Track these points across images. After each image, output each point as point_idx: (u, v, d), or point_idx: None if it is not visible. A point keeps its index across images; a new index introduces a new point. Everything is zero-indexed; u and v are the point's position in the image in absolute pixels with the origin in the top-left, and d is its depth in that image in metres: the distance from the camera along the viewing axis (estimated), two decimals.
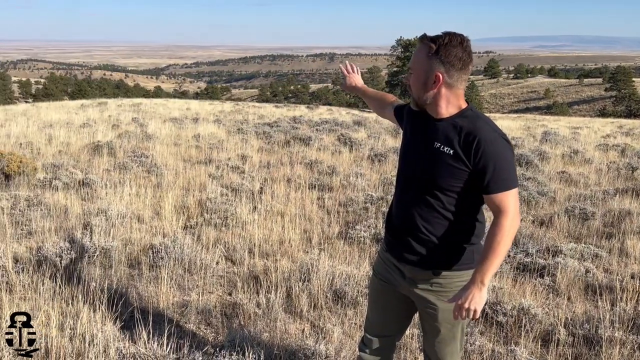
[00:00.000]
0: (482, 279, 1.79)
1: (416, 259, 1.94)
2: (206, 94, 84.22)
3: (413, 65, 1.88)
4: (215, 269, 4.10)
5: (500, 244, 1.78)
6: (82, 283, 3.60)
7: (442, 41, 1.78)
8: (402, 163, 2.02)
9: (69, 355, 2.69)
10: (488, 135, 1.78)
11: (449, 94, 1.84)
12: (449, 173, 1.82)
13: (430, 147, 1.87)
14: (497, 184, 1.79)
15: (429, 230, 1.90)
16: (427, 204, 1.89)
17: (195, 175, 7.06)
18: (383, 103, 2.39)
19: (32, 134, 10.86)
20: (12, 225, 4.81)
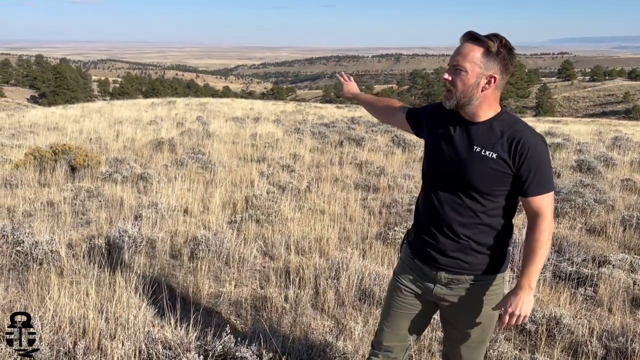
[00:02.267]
0: (529, 283, 1.80)
1: (452, 264, 1.91)
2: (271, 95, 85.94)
3: (464, 62, 1.77)
4: (252, 262, 4.24)
5: (544, 247, 1.81)
6: (126, 270, 3.84)
7: (501, 42, 1.75)
8: (433, 168, 1.95)
9: (103, 336, 2.89)
10: (531, 139, 1.79)
11: (494, 96, 1.83)
12: (491, 177, 1.80)
13: (468, 151, 1.83)
14: (537, 187, 1.80)
15: (467, 235, 1.87)
16: (465, 209, 1.86)
17: (246, 173, 7.27)
18: (390, 108, 2.29)
19: (102, 130, 11.57)
20: (72, 214, 5.19)
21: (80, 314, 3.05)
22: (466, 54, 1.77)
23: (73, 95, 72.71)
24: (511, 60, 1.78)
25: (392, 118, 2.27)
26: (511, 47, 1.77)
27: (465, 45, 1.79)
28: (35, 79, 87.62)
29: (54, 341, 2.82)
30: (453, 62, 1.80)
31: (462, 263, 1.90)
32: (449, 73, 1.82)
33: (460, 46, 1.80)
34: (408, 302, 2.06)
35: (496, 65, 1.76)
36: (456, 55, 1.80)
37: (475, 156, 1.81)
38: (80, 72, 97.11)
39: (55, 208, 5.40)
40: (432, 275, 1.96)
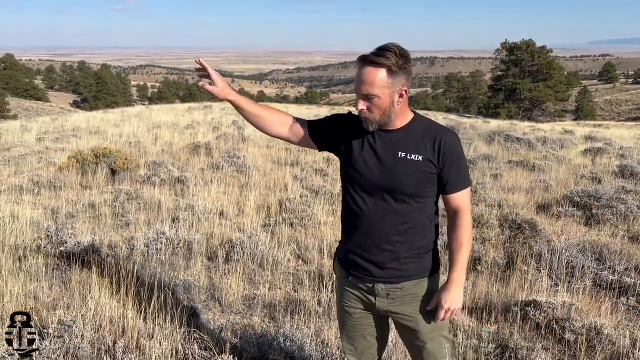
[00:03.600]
0: (460, 277, 1.86)
1: (388, 275, 1.89)
2: (305, 99, 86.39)
3: (373, 90, 1.73)
4: (286, 266, 4.27)
5: (469, 241, 1.87)
6: (164, 272, 3.94)
7: (397, 55, 1.71)
8: (358, 180, 1.88)
9: (141, 336, 2.97)
10: (449, 137, 1.83)
11: (406, 104, 1.84)
12: (420, 179, 1.82)
13: (394, 158, 1.82)
14: (458, 183, 1.85)
15: (399, 241, 1.86)
16: (396, 215, 1.84)
17: (280, 176, 7.34)
18: (282, 119, 2.00)
19: (141, 134, 11.87)
20: (112, 216, 5.35)
21: (120, 313, 3.14)
22: (372, 81, 1.72)
23: (113, 100, 74.84)
24: (411, 68, 1.78)
25: (285, 130, 2.00)
26: (407, 54, 1.74)
27: (367, 71, 1.73)
28: (78, 85, 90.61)
29: (95, 339, 2.92)
30: (362, 91, 1.75)
31: (397, 272, 1.88)
32: (362, 102, 1.78)
33: (362, 74, 1.74)
34: (362, 323, 2.03)
35: (402, 78, 1.76)
36: (362, 85, 1.75)
37: (402, 161, 1.82)
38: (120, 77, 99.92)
39: (97, 210, 5.57)
40: (370, 289, 1.93)
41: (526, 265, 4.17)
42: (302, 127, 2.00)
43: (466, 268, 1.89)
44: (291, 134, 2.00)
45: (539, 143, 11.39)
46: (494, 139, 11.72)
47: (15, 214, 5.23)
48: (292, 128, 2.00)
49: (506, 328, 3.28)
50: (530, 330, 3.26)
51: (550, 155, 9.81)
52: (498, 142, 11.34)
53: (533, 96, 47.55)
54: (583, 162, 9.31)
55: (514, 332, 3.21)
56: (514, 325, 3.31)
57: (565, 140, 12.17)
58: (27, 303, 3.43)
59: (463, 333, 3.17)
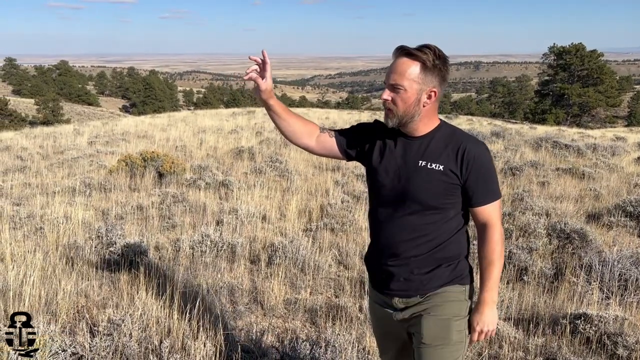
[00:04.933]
0: (491, 297, 1.78)
1: (404, 287, 1.82)
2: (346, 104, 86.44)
3: (402, 81, 1.69)
4: (327, 271, 4.28)
5: (501, 258, 1.78)
6: (208, 274, 4.02)
7: (435, 54, 1.68)
8: (380, 189, 1.83)
9: (186, 336, 3.04)
10: (475, 147, 1.75)
11: (434, 109, 1.78)
12: (440, 190, 1.74)
13: (414, 166, 1.76)
14: (485, 195, 1.77)
15: (418, 254, 1.78)
16: (416, 226, 1.77)
17: (321, 181, 7.37)
18: (310, 128, 1.94)
19: (187, 138, 12.17)
20: (159, 218, 5.50)
21: (165, 313, 3.22)
22: (403, 72, 1.69)
23: (160, 105, 77.06)
24: (447, 71, 1.73)
25: (312, 141, 1.94)
26: (445, 57, 1.71)
27: (400, 61, 1.70)
28: (127, 90, 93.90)
29: (142, 338, 3.00)
30: (390, 80, 1.72)
31: (415, 284, 1.81)
32: (388, 92, 1.73)
33: (394, 63, 1.71)
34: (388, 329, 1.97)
35: (434, 78, 1.70)
36: (392, 74, 1.71)
37: (422, 171, 1.74)
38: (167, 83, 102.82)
39: (144, 212, 5.74)
40: (389, 301, 1.87)
41: (575, 276, 4.03)
42: (329, 138, 1.94)
43: (497, 286, 1.80)
44: (318, 145, 1.94)
45: (589, 150, 11.00)
46: (541, 145, 11.39)
47: (68, 215, 5.46)
48: (318, 139, 1.94)
49: (554, 341, 3.17)
50: (579, 344, 3.15)
51: (600, 162, 9.46)
52: (545, 148, 11.02)
53: (582, 101, 45.96)
54: (636, 170, 8.93)
55: (562, 345, 3.11)
56: (562, 338, 3.20)
57: (617, 147, 11.69)
58: (79, 301, 3.57)
59: (508, 345, 3.10)
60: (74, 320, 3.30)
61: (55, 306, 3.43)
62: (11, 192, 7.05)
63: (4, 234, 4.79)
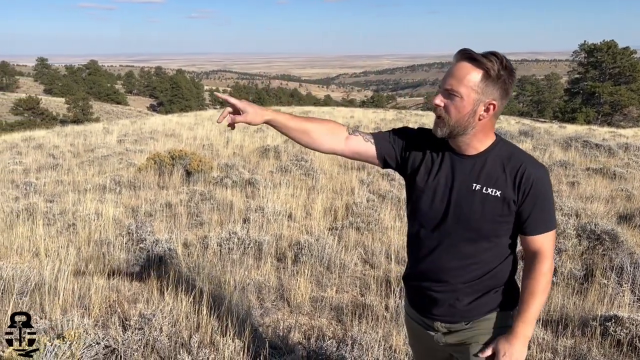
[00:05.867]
0: (525, 331, 1.62)
1: (448, 313, 1.71)
2: (371, 102, 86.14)
3: (459, 87, 1.52)
4: (353, 269, 4.29)
5: (544, 292, 1.62)
6: (236, 270, 4.08)
7: (502, 63, 1.52)
8: (424, 209, 1.68)
9: (214, 332, 3.10)
10: (536, 171, 1.58)
11: (491, 125, 1.61)
12: (496, 218, 1.60)
13: (468, 189, 1.61)
14: (540, 224, 1.61)
15: (464, 281, 1.67)
16: (464, 254, 1.64)
17: (346, 180, 7.38)
18: (337, 131, 1.75)
19: (214, 137, 12.31)
20: (187, 215, 5.60)
21: (194, 309, 3.28)
22: (462, 77, 1.52)
23: (187, 103, 78.08)
24: (512, 84, 1.56)
25: (339, 143, 1.74)
26: (512, 69, 1.54)
27: (461, 66, 1.53)
28: (154, 89, 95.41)
29: (172, 333, 3.07)
30: (446, 85, 1.55)
31: (459, 311, 1.70)
32: (441, 97, 1.57)
33: (454, 67, 1.55)
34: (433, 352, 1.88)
35: (496, 90, 1.53)
36: (449, 78, 1.54)
37: (477, 195, 1.59)
38: (193, 82, 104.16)
39: (173, 209, 5.85)
40: (430, 324, 1.77)
41: (606, 278, 3.96)
42: (363, 142, 1.74)
43: (535, 322, 1.64)
44: (347, 148, 1.74)
45: (620, 149, 10.74)
46: (571, 144, 11.17)
47: (99, 212, 5.59)
48: (348, 142, 1.74)
49: (583, 343, 3.13)
50: (610, 347, 3.09)
51: (633, 162, 9.24)
52: (575, 148, 10.81)
53: (614, 100, 44.83)
54: None
55: (592, 347, 3.06)
56: (592, 340, 3.15)
57: None
58: (110, 296, 3.66)
59: (536, 346, 3.07)
60: (107, 315, 3.38)
61: (88, 300, 3.53)
62: (44, 189, 7.26)
63: (39, 230, 4.95)
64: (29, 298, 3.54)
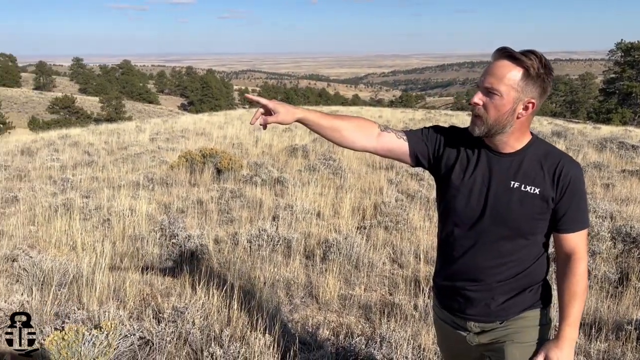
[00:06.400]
0: (573, 334, 1.60)
1: (482, 313, 1.70)
2: (400, 102, 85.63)
3: (499, 85, 1.52)
4: (381, 269, 4.30)
5: (584, 291, 1.61)
6: (265, 267, 4.14)
7: (541, 62, 1.52)
8: (459, 208, 1.67)
9: (245, 326, 3.15)
10: (573, 169, 1.59)
11: (528, 123, 1.61)
12: (534, 215, 1.59)
13: (505, 187, 1.60)
14: (575, 222, 1.61)
15: (499, 280, 1.66)
16: (500, 252, 1.64)
17: (375, 180, 7.38)
18: (368, 129, 1.74)
19: (243, 136, 12.46)
20: (217, 212, 5.70)
21: (225, 303, 3.35)
22: (502, 76, 1.51)
23: (217, 103, 79.10)
24: (550, 82, 1.55)
25: (371, 141, 1.73)
26: (551, 67, 1.54)
27: (501, 64, 1.53)
28: (185, 88, 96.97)
29: (204, 326, 3.13)
30: (485, 83, 1.54)
31: (493, 310, 1.69)
32: (480, 96, 1.56)
33: (493, 65, 1.55)
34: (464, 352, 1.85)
35: (535, 88, 1.53)
36: (489, 76, 1.54)
37: (515, 193, 1.59)
38: (223, 82, 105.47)
39: (204, 206, 5.96)
40: (462, 324, 1.76)
41: None
42: (396, 139, 1.73)
43: (579, 322, 1.63)
44: (379, 145, 1.73)
45: None
46: (605, 146, 10.90)
47: (133, 208, 5.73)
48: (380, 139, 1.73)
49: (618, 347, 3.07)
50: None
51: None
52: (610, 149, 10.55)
53: None
54: None
55: (626, 351, 3.00)
56: (626, 344, 3.09)
57: None
58: (144, 289, 3.76)
59: None
60: (141, 307, 3.48)
61: (123, 293, 3.64)
62: (80, 185, 7.47)
63: (75, 224, 5.11)
64: (67, 290, 3.67)
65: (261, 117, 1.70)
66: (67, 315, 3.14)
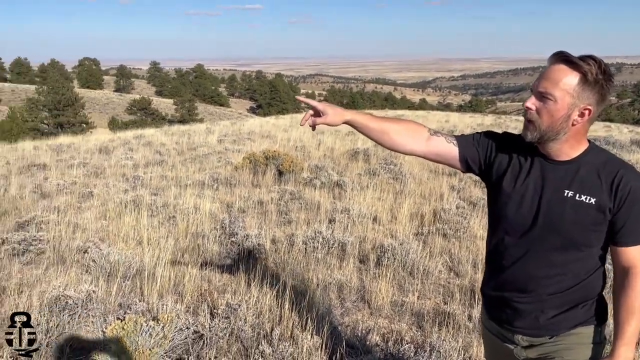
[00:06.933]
0: (628, 354, 1.51)
1: (531, 326, 1.64)
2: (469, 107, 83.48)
3: (553, 90, 1.46)
4: (437, 277, 4.22)
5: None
6: (319, 269, 4.17)
7: (600, 67, 1.45)
8: (511, 216, 1.62)
9: (295, 326, 3.19)
10: (634, 179, 1.50)
11: (584, 130, 1.55)
12: (589, 226, 1.53)
13: (560, 196, 1.54)
14: (634, 235, 1.52)
15: (551, 293, 1.60)
16: (552, 263, 1.58)
17: (436, 186, 7.24)
18: (418, 132, 1.73)
19: (307, 139, 12.60)
20: (276, 213, 5.80)
21: (277, 302, 3.41)
22: (557, 80, 1.46)
23: (284, 106, 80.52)
24: (609, 89, 1.47)
25: (420, 145, 1.72)
26: (610, 73, 1.46)
27: (556, 68, 1.47)
28: (254, 92, 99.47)
29: (255, 324, 3.21)
30: (539, 87, 1.49)
31: (543, 324, 1.62)
32: (533, 100, 1.51)
33: (548, 69, 1.49)
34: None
35: (593, 95, 1.46)
36: (543, 80, 1.49)
37: (569, 202, 1.52)
38: (291, 86, 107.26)
39: (264, 207, 6.09)
40: (510, 336, 1.69)
41: None
42: (445, 143, 1.71)
43: (636, 341, 1.54)
44: (428, 149, 1.72)
45: None
46: None
47: (197, 206, 5.96)
48: (429, 143, 1.72)
49: None
50: None
51: None
52: None
53: None
54: None
55: None
56: None
57: None
58: (202, 285, 3.90)
59: None
60: (197, 302, 3.61)
61: (182, 288, 3.79)
62: (150, 183, 7.85)
63: (143, 220, 5.38)
64: (130, 282, 3.88)
65: (310, 119, 1.73)
66: (129, 306, 3.32)
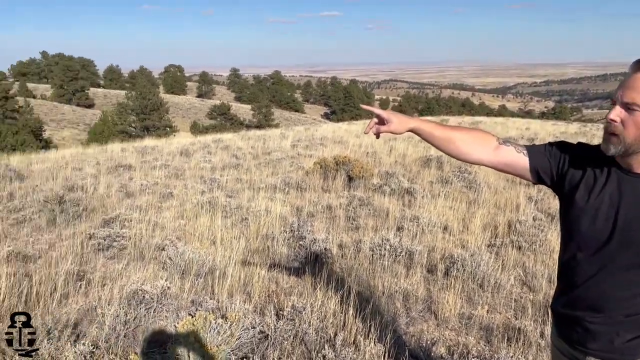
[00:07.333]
0: None
1: (606, 349, 1.55)
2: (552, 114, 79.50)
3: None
4: (509, 290, 4.06)
5: None
6: (385, 277, 4.14)
7: None
8: (586, 231, 1.53)
9: (359, 333, 3.19)
10: None
11: None
12: None
13: (637, 210, 1.45)
14: None
15: (629, 314, 1.50)
16: (628, 283, 1.49)
17: (512, 196, 6.96)
18: (486, 141, 1.68)
19: (378, 145, 12.55)
20: (345, 218, 5.83)
21: (342, 308, 3.43)
22: None
23: (357, 112, 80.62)
24: None
25: (488, 154, 1.66)
26: None
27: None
28: (329, 98, 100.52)
29: (319, 328, 3.24)
30: (625, 97, 1.38)
31: (617, 347, 1.51)
32: (618, 111, 1.41)
33: (631, 78, 1.38)
34: None
35: None
36: (627, 89, 1.38)
37: None
38: (365, 91, 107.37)
39: (332, 211, 6.14)
40: (581, 358, 1.60)
41: None
42: (515, 152, 1.65)
43: None
44: (496, 159, 1.67)
45: None
46: None
47: (269, 209, 6.11)
48: (497, 152, 1.67)
49: None
50: None
51: None
52: None
53: None
54: None
55: None
56: None
57: None
58: (270, 286, 3.99)
59: None
60: (264, 303, 3.70)
61: (250, 288, 3.90)
62: (226, 185, 8.15)
63: (217, 221, 5.59)
64: (203, 280, 4.04)
65: (375, 127, 1.73)
66: (200, 304, 3.46)
